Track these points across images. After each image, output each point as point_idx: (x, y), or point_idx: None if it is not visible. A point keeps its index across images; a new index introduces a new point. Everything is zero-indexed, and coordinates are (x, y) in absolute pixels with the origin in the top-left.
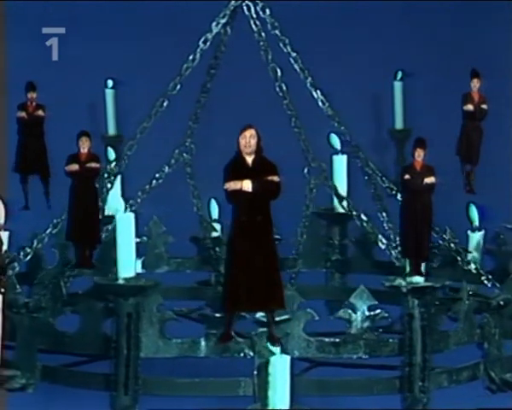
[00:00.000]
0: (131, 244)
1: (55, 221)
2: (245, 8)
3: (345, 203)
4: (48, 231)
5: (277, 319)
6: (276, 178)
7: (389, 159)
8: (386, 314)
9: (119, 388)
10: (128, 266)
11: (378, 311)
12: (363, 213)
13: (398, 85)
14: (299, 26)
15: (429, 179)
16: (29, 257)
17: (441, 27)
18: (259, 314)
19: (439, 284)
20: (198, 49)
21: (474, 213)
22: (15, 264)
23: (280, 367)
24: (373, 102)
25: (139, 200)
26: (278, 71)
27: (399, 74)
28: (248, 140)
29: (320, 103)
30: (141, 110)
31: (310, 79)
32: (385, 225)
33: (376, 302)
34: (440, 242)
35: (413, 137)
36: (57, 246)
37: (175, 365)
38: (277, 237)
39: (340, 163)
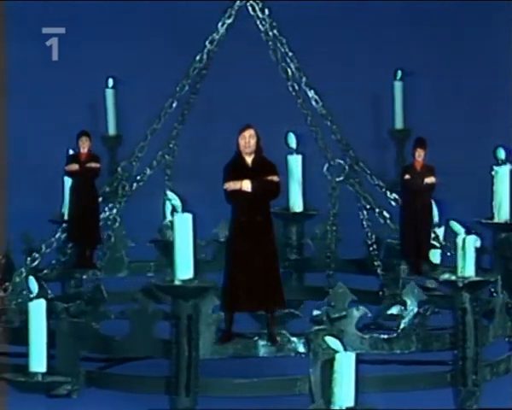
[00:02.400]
0: (189, 245)
1: (64, 226)
2: (249, 8)
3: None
4: (57, 236)
5: (333, 316)
6: (275, 178)
7: (389, 159)
8: (437, 310)
9: (181, 390)
10: (186, 267)
11: (428, 306)
12: (385, 211)
13: (398, 85)
14: (299, 25)
15: (429, 179)
16: (36, 262)
17: (441, 27)
18: (316, 312)
19: (493, 278)
20: (205, 50)
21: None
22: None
23: (345, 364)
24: (373, 102)
25: (122, 202)
26: (289, 70)
27: (399, 74)
28: (248, 140)
29: (314, 103)
30: (141, 110)
31: (304, 78)
32: (364, 222)
33: (426, 297)
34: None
35: (413, 137)
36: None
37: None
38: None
39: (296, 163)
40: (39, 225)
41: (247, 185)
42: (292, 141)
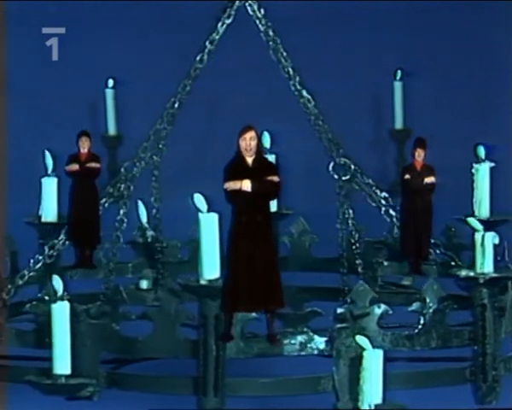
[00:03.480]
0: (215, 245)
1: (67, 228)
2: (249, 8)
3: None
4: (61, 238)
5: (357, 313)
6: (275, 178)
7: (389, 159)
8: (456, 305)
9: (209, 390)
10: (212, 267)
11: (446, 302)
12: (391, 209)
13: (398, 85)
14: (299, 25)
15: (429, 179)
16: (39, 265)
17: (441, 27)
18: (339, 310)
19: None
20: (206, 50)
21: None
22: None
23: (374, 361)
24: (373, 102)
25: (106, 204)
26: (291, 71)
27: (399, 74)
28: (249, 142)
29: (306, 102)
30: (141, 110)
31: (298, 78)
32: (349, 221)
33: (445, 294)
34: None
35: (413, 137)
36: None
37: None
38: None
39: None
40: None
41: (246, 185)
42: (266, 141)
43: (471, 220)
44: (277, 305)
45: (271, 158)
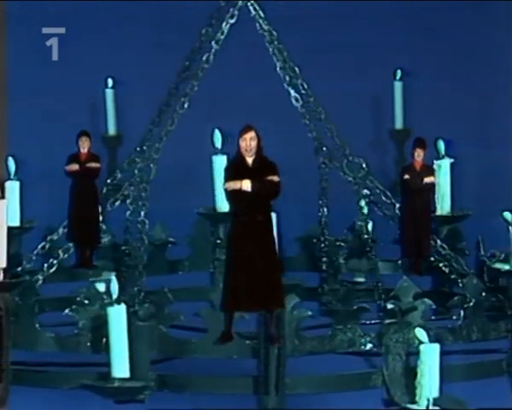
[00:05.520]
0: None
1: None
2: (251, 8)
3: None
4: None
5: (404, 308)
6: (275, 178)
7: (389, 159)
8: (494, 298)
9: (270, 389)
10: None
11: (485, 296)
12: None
13: (398, 85)
14: (298, 25)
15: (429, 179)
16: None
17: (441, 27)
18: (390, 306)
19: None
20: (212, 51)
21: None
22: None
23: (431, 354)
24: (373, 103)
25: (114, 205)
26: (297, 70)
27: (399, 74)
28: (249, 143)
29: (294, 101)
30: (141, 110)
31: (288, 77)
32: (323, 219)
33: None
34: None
35: (413, 137)
36: None
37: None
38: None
39: (220, 163)
40: (38, 225)
41: (246, 185)
42: (218, 140)
43: (507, 214)
44: (277, 305)
45: (223, 159)
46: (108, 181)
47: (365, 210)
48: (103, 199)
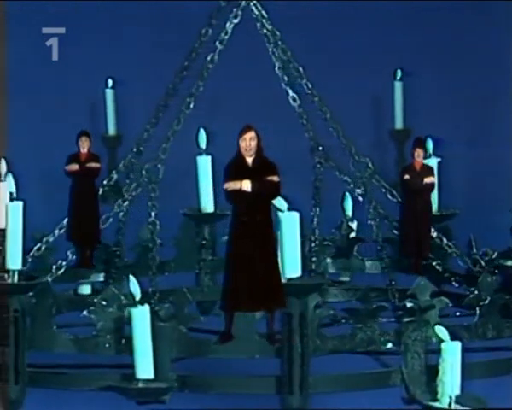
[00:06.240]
0: (296, 244)
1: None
2: (254, 8)
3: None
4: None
5: (424, 306)
6: (275, 178)
7: (389, 159)
8: (507, 296)
9: (295, 388)
10: (294, 265)
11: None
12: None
13: (398, 85)
14: (298, 25)
15: (429, 179)
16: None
17: (441, 27)
18: (409, 304)
19: None
20: (217, 51)
21: (348, 202)
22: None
23: (453, 353)
24: (373, 103)
25: (122, 206)
26: (301, 69)
27: (399, 74)
28: (249, 143)
29: (291, 101)
30: (141, 110)
31: (286, 77)
32: (315, 219)
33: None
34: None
35: (413, 137)
36: None
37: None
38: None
39: (205, 164)
40: (38, 225)
41: (246, 185)
42: (202, 140)
43: None
44: (278, 305)
45: (207, 160)
46: (105, 182)
47: (349, 211)
48: (100, 199)
